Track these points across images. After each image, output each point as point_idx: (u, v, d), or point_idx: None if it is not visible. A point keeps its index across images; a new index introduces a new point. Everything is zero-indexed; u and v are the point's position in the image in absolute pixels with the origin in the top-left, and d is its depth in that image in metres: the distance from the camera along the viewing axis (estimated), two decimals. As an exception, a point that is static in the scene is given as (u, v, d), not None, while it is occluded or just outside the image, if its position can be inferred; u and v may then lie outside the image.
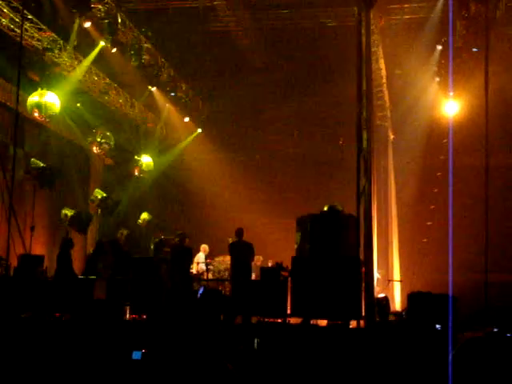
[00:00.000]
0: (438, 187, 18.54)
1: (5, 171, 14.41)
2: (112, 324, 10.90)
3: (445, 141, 15.23)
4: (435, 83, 18.74)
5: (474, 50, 16.17)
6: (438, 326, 9.69)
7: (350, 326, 10.96)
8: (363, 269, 11.00)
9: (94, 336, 10.22)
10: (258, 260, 15.29)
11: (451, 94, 16.84)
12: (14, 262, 13.01)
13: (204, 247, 16.64)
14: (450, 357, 7.38)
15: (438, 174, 18.42)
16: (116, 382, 8.72)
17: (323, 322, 11.54)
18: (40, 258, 13.36)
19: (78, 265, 14.99)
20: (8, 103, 15.42)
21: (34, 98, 15.38)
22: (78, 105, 18.40)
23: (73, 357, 9.48)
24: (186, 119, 21.68)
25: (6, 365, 9.18)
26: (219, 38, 18.59)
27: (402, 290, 17.35)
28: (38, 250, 15.25)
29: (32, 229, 14.43)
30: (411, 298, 10.96)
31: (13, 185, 13.53)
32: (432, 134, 18.86)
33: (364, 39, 11.49)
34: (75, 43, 15.96)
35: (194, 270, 15.87)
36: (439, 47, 17.83)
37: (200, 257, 16.38)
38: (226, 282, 15.12)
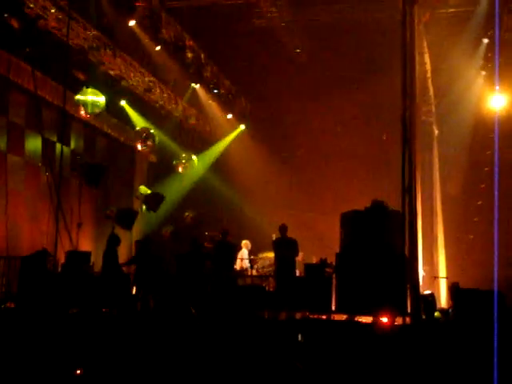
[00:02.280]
0: (484, 183, 18.27)
1: (52, 169, 14.65)
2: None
3: (491, 135, 14.99)
4: (481, 77, 18.47)
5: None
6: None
7: (396, 323, 10.89)
8: (408, 265, 10.92)
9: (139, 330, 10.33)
10: (299, 256, 15.26)
11: (497, 87, 16.58)
12: (61, 259, 13.22)
13: (246, 243, 16.64)
14: (496, 354, 7.27)
15: (485, 169, 18.15)
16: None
17: (368, 319, 11.49)
18: (87, 255, 13.54)
19: (123, 261, 15.15)
20: (55, 102, 15.65)
21: (80, 97, 15.60)
22: (123, 102, 18.61)
23: (124, 351, 9.59)
24: (229, 116, 21.74)
25: (54, 360, 9.33)
26: (262, 33, 18.59)
27: (448, 286, 17.16)
28: (84, 246, 15.47)
29: (79, 225, 14.63)
30: (458, 295, 10.84)
31: (60, 182, 13.74)
32: (478, 129, 18.59)
33: (408, 33, 11.40)
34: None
35: (237, 266, 15.90)
36: (485, 41, 17.56)
37: (244, 253, 16.41)
38: (270, 278, 15.12)
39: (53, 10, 14.21)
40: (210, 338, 10.09)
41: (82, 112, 15.83)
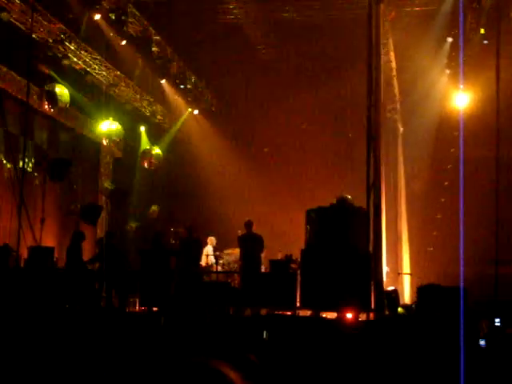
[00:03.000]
0: (448, 180, 18.46)
1: (15, 163, 14.46)
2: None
3: (455, 133, 15.14)
4: (445, 75, 18.65)
5: (485, 42, 16.09)
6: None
7: (360, 319, 10.97)
8: (373, 261, 11.00)
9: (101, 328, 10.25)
10: (265, 252, 15.28)
11: (462, 86, 16.75)
12: (24, 254, 13.07)
13: (211, 239, 16.60)
14: (462, 348, 7.35)
15: (449, 166, 18.32)
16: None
17: (332, 315, 11.55)
18: (50, 250, 13.41)
19: (87, 256, 15.04)
20: (18, 95, 15.45)
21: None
22: (88, 97, 18.43)
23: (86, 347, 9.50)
24: (196, 111, 21.66)
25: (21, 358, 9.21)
26: (229, 29, 18.55)
27: (412, 283, 17.33)
28: (48, 241, 15.30)
29: (42, 221, 14.46)
30: (421, 291, 10.95)
31: (23, 177, 13.56)
32: (442, 127, 18.76)
33: (374, 32, 11.48)
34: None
35: (203, 263, 15.88)
36: (450, 39, 17.73)
37: (208, 249, 16.37)
38: (236, 275, 15.13)
39: (17, 2, 14.01)
40: (175, 333, 10.06)
41: (46, 106, 15.67)
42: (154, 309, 12.49)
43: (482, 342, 9.34)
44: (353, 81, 17.18)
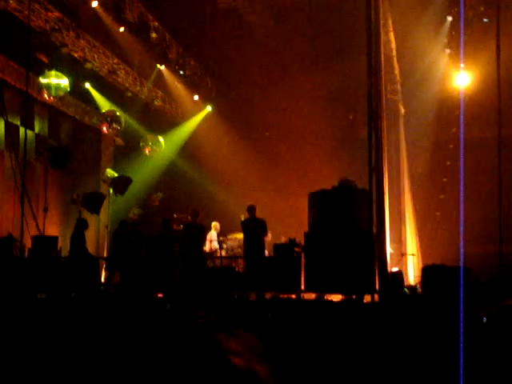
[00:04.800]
0: (450, 160, 18.42)
1: (16, 153, 14.44)
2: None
3: (457, 113, 15.10)
4: (446, 55, 18.56)
5: (485, 20, 16.00)
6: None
7: (364, 301, 10.98)
8: (376, 243, 10.99)
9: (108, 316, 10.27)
10: (268, 236, 15.29)
11: (462, 65, 16.68)
12: (28, 244, 13.09)
13: (215, 225, 16.64)
14: (462, 328, 7.36)
15: (450, 146, 18.29)
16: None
17: (337, 297, 11.57)
18: (54, 239, 13.43)
19: (90, 245, 15.09)
20: (17, 85, 15.42)
21: (43, 80, 15.36)
22: (87, 85, 18.38)
23: (91, 337, 9.52)
24: (196, 97, 21.61)
25: (20, 347, 9.23)
26: (227, 13, 18.46)
27: (416, 263, 17.35)
28: (51, 231, 15.32)
29: (45, 210, 14.49)
30: (425, 271, 10.96)
31: (24, 166, 13.57)
32: (443, 107, 18.70)
33: (373, 12, 11.40)
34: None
35: (206, 248, 15.90)
36: (449, 18, 17.63)
37: (212, 234, 16.40)
38: (240, 259, 15.15)
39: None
40: (180, 320, 10.08)
41: (46, 95, 15.63)
42: (159, 295, 12.52)
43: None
44: (353, 62, 17.09)
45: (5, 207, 15.26)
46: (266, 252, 14.33)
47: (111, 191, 17.40)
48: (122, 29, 16.34)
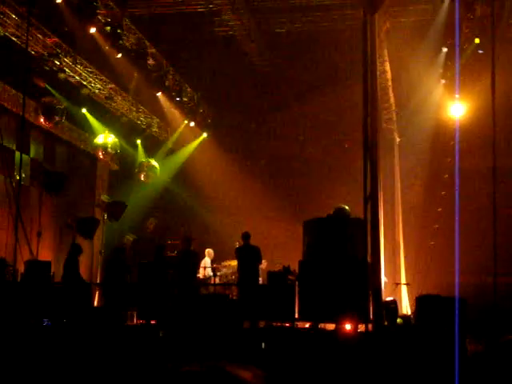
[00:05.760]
0: (445, 190, 18.45)
1: (11, 177, 14.41)
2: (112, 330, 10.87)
3: (452, 143, 15.15)
4: (441, 85, 18.67)
5: (480, 51, 16.11)
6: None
7: (359, 330, 10.92)
8: (371, 272, 10.95)
9: (94, 342, 10.19)
10: (263, 264, 15.25)
11: (457, 96, 16.76)
12: (21, 268, 13.01)
13: (209, 251, 16.59)
14: (457, 360, 7.34)
15: (445, 176, 18.33)
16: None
17: (331, 326, 11.51)
18: (47, 264, 13.36)
19: (84, 270, 15.00)
20: (14, 109, 15.44)
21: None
22: (84, 110, 18.42)
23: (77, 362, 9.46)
24: (192, 124, 21.66)
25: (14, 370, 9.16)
26: (224, 42, 18.58)
27: (410, 293, 17.29)
28: (44, 255, 15.25)
29: (39, 234, 14.43)
30: (419, 301, 10.91)
31: (19, 191, 13.54)
32: (438, 137, 18.77)
33: (369, 42, 11.47)
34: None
35: (200, 275, 15.84)
36: (445, 49, 17.76)
37: (206, 261, 16.35)
38: (233, 287, 15.09)
39: (12, 16, 14.01)
40: (174, 346, 10.02)
41: (42, 120, 15.74)
42: (152, 322, 12.43)
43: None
44: (349, 91, 17.18)
45: (-2, 231, 15.20)
46: (260, 280, 14.28)
47: (105, 217, 17.37)
48: (119, 55, 16.39)
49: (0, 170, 15.26)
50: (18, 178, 14.27)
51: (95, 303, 14.57)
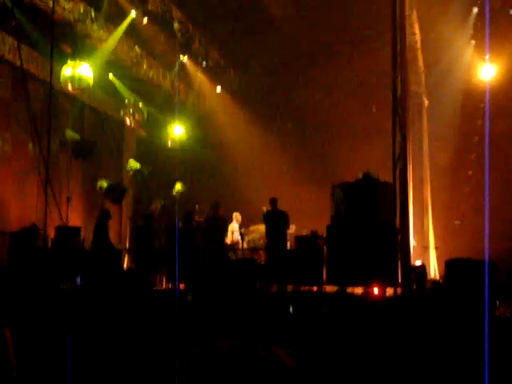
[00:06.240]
0: (474, 152, 18.25)
1: (40, 143, 14.49)
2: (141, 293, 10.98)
3: (482, 105, 14.96)
4: (471, 47, 18.34)
5: (511, 12, 15.80)
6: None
7: (387, 294, 10.92)
8: (399, 236, 10.92)
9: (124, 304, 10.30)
10: (291, 229, 15.25)
11: (487, 57, 16.46)
12: (51, 234, 13.16)
13: (236, 215, 16.53)
14: (487, 324, 7.28)
15: (475, 138, 18.09)
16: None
17: (359, 290, 11.52)
18: (77, 230, 13.49)
19: (113, 235, 15.14)
20: (41, 76, 15.48)
21: (67, 71, 15.35)
22: (111, 76, 18.40)
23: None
24: (218, 89, 21.55)
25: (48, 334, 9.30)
26: (250, 5, 18.38)
27: (439, 257, 17.21)
28: (74, 221, 15.39)
29: (68, 200, 14.53)
30: (449, 265, 10.86)
31: (48, 156, 13.61)
32: (468, 99, 18.48)
33: (398, 2, 11.29)
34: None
35: (228, 240, 15.89)
36: (475, 10, 17.42)
37: (234, 226, 16.35)
38: (261, 251, 15.13)
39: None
40: (203, 311, 10.09)
41: (70, 87, 15.68)
42: (181, 286, 12.55)
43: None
44: (377, 54, 16.97)
45: (29, 197, 15.34)
46: (288, 244, 14.29)
47: (134, 182, 17.45)
48: (145, 19, 16.31)
49: (29, 136, 15.37)
50: (46, 143, 14.33)
51: (125, 268, 14.71)
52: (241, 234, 16.10)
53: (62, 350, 8.44)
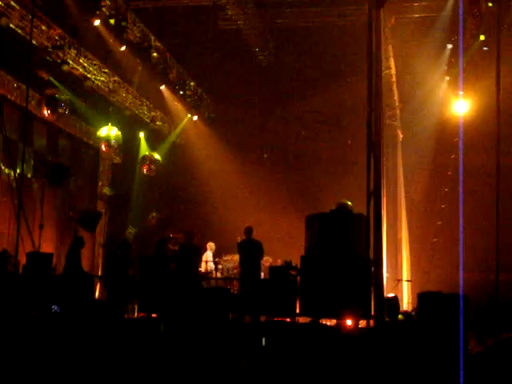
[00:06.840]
0: (448, 186, 18.43)
1: (14, 169, 14.41)
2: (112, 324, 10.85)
3: (455, 140, 15.13)
4: (445, 82, 18.63)
5: (485, 48, 16.08)
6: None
7: (360, 326, 10.91)
8: (372, 268, 10.94)
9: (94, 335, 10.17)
10: (266, 261, 15.23)
11: (461, 93, 16.71)
12: (22, 260, 13.01)
13: (210, 245, 16.53)
14: (462, 356, 7.31)
15: (449, 172, 18.28)
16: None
17: (332, 322, 11.50)
18: (49, 256, 13.35)
19: (85, 263, 15.00)
20: (17, 101, 15.43)
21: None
22: (87, 103, 18.38)
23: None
24: (195, 117, 21.62)
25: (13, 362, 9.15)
26: (228, 36, 18.56)
27: (411, 289, 17.28)
28: (46, 247, 15.25)
29: (41, 227, 14.43)
30: (421, 298, 10.88)
31: (22, 182, 13.52)
32: (442, 133, 18.72)
33: (374, 38, 11.43)
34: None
35: (202, 269, 15.83)
36: (449, 46, 17.74)
37: (208, 255, 16.31)
38: (235, 281, 15.08)
39: (16, 7, 13.96)
40: (174, 341, 10.00)
41: (45, 112, 15.71)
42: (153, 315, 12.43)
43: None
44: (352, 87, 17.18)
45: (0, 223, 15.18)
46: (262, 274, 14.26)
47: (108, 209, 17.38)
48: (123, 48, 16.36)
49: (3, 162, 15.27)
50: (20, 169, 14.25)
51: (96, 296, 14.56)
52: (215, 263, 16.05)
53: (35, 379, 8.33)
